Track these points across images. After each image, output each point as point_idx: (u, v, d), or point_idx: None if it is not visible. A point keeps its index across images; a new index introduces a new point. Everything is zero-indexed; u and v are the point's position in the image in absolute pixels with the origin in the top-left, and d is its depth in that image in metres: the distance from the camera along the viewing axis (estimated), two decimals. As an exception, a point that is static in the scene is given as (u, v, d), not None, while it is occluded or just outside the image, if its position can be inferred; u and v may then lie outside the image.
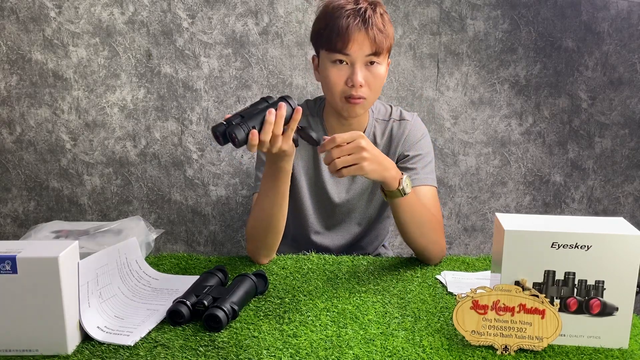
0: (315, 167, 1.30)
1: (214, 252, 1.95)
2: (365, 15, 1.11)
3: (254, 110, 0.97)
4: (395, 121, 1.30)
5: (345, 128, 1.26)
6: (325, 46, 1.15)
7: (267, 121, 0.96)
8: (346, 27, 1.11)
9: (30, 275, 0.78)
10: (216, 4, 1.74)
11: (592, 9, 1.78)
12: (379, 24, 1.12)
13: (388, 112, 1.31)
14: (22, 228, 1.91)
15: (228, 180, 1.88)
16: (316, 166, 1.30)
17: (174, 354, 0.82)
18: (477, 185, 1.92)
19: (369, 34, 1.11)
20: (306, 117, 1.30)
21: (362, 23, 1.11)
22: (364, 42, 1.12)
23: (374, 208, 1.34)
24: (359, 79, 1.13)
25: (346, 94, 1.16)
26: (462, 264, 1.18)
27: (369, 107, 1.23)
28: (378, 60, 1.14)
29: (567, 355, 0.82)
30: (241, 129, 0.94)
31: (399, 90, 1.82)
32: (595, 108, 1.86)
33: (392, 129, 1.29)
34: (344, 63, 1.14)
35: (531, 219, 0.88)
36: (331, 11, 1.14)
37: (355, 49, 1.12)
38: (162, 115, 1.82)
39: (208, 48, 1.77)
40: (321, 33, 1.15)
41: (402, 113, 1.31)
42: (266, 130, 0.96)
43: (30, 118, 1.81)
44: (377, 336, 0.87)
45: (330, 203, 1.32)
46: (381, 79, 1.17)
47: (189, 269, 1.15)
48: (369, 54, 1.13)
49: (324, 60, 1.17)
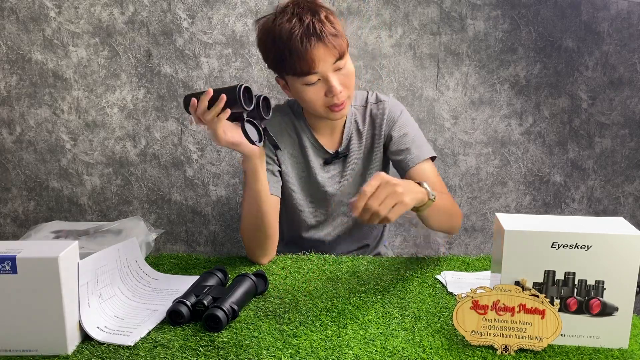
0: (304, 162, 1.31)
1: (214, 252, 1.95)
2: (317, 30, 1.10)
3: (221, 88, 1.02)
4: (373, 104, 1.32)
5: (329, 125, 1.29)
6: (291, 72, 1.14)
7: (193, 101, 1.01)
8: (305, 50, 1.09)
9: (30, 276, 0.78)
10: (216, 4, 1.74)
11: (592, 9, 1.78)
12: (330, 29, 1.11)
13: (364, 97, 1.33)
14: (22, 228, 1.91)
15: (228, 180, 1.88)
16: (305, 161, 1.31)
17: (174, 354, 0.82)
18: (477, 185, 1.92)
19: (327, 45, 1.11)
20: (290, 119, 1.31)
21: (317, 39, 1.10)
22: (326, 55, 1.11)
23: None
24: (337, 88, 1.14)
25: (329, 104, 1.17)
26: (462, 264, 1.18)
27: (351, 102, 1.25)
28: (343, 62, 1.15)
29: (567, 355, 0.82)
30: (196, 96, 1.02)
31: (399, 90, 1.82)
32: (596, 108, 1.86)
33: (372, 112, 1.31)
34: (317, 80, 1.14)
35: (531, 219, 0.87)
36: (280, 37, 1.11)
37: (321, 65, 1.12)
38: (162, 115, 1.82)
39: (208, 48, 1.77)
40: (281, 61, 1.14)
41: (378, 95, 1.33)
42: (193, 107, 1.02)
43: (30, 118, 1.81)
44: (377, 336, 0.87)
45: (323, 195, 1.32)
46: (353, 74, 1.18)
47: (189, 269, 1.15)
48: (334, 61, 1.13)
49: (294, 83, 1.16)
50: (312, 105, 1.18)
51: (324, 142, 1.30)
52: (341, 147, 1.30)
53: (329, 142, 1.31)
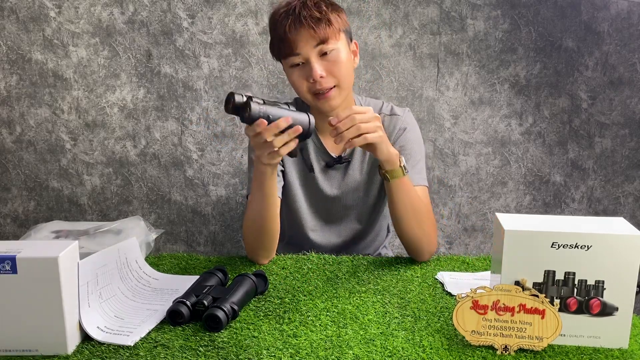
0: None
1: (214, 252, 1.95)
2: (296, 11, 1.13)
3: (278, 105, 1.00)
4: (386, 116, 1.29)
5: None
6: (277, 55, 1.20)
7: (277, 123, 0.97)
8: (283, 31, 1.14)
9: (30, 275, 0.78)
10: (216, 4, 1.74)
11: (592, 9, 1.78)
12: (313, 13, 1.13)
13: (378, 106, 1.31)
14: (22, 228, 1.91)
15: (228, 180, 1.88)
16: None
17: (174, 354, 0.82)
18: (477, 185, 1.92)
19: (306, 26, 1.13)
20: None
21: (296, 20, 1.13)
22: (306, 37, 1.13)
23: (371, 202, 1.34)
24: (317, 72, 1.14)
25: (312, 90, 1.18)
26: (462, 264, 1.18)
27: (344, 95, 1.21)
28: (330, 47, 1.15)
29: (567, 355, 0.82)
30: (258, 111, 0.95)
31: (399, 90, 1.82)
32: (595, 108, 1.86)
33: (383, 123, 1.27)
34: (301, 63, 1.16)
35: (531, 219, 0.87)
36: (272, 23, 1.19)
37: (300, 46, 1.14)
38: (162, 115, 1.82)
39: (208, 48, 1.77)
40: (272, 43, 1.20)
41: (393, 108, 1.31)
42: (270, 129, 0.96)
43: (30, 118, 1.81)
44: (377, 336, 0.87)
45: (323, 197, 1.32)
46: (343, 63, 1.17)
47: (189, 269, 1.15)
48: (316, 44, 1.14)
49: (285, 68, 1.21)
50: (298, 90, 1.20)
51: (328, 145, 1.29)
52: (345, 153, 1.30)
53: (333, 146, 1.29)
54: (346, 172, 1.30)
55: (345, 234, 1.36)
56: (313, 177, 1.30)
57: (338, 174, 1.31)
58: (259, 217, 1.13)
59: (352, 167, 1.30)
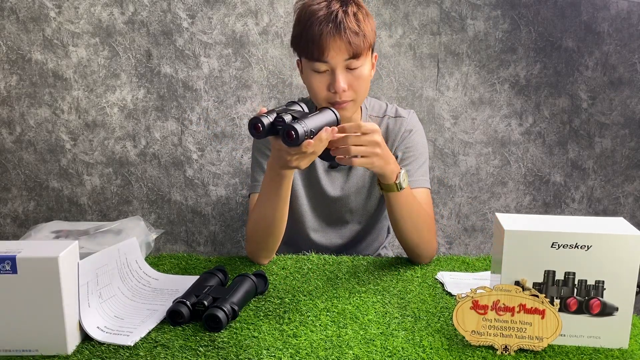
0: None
1: (214, 252, 1.95)
2: (337, 19, 1.09)
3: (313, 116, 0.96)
4: (391, 118, 1.29)
5: None
6: (304, 54, 1.14)
7: (321, 138, 0.94)
8: (319, 35, 1.09)
9: (30, 275, 0.78)
10: (216, 4, 1.74)
11: (592, 9, 1.78)
12: (353, 26, 1.10)
13: (383, 108, 1.30)
14: (22, 228, 1.91)
15: (228, 180, 1.88)
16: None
17: (174, 354, 0.82)
18: (477, 185, 1.92)
19: (344, 39, 1.09)
20: None
21: (335, 29, 1.09)
22: (340, 48, 1.10)
23: (373, 204, 1.34)
24: (341, 85, 1.11)
25: (330, 100, 1.14)
26: (462, 264, 1.18)
27: (358, 107, 1.22)
28: (358, 62, 1.13)
29: (567, 355, 0.82)
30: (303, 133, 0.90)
31: (399, 90, 1.82)
32: (595, 108, 1.86)
33: (388, 126, 1.28)
34: (325, 70, 1.13)
35: (531, 219, 0.87)
36: (305, 17, 1.12)
37: (332, 55, 1.10)
38: (162, 115, 1.82)
39: (208, 48, 1.77)
40: (298, 40, 1.14)
41: (398, 110, 1.30)
42: (315, 145, 0.94)
43: (30, 118, 1.81)
44: (377, 336, 0.87)
45: (325, 198, 1.31)
46: (365, 79, 1.15)
47: (189, 269, 1.15)
48: (347, 58, 1.11)
49: (305, 67, 1.16)
50: (314, 95, 1.16)
51: None
52: None
53: None
54: (349, 174, 1.30)
55: (346, 234, 1.36)
56: (316, 177, 1.30)
57: (341, 175, 1.31)
58: (268, 219, 1.11)
59: (355, 169, 1.30)
